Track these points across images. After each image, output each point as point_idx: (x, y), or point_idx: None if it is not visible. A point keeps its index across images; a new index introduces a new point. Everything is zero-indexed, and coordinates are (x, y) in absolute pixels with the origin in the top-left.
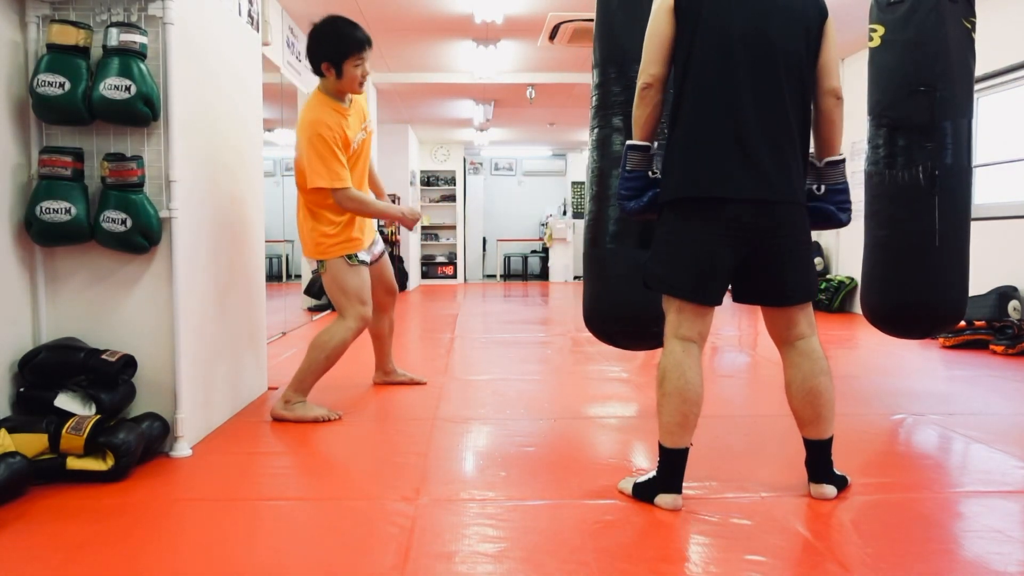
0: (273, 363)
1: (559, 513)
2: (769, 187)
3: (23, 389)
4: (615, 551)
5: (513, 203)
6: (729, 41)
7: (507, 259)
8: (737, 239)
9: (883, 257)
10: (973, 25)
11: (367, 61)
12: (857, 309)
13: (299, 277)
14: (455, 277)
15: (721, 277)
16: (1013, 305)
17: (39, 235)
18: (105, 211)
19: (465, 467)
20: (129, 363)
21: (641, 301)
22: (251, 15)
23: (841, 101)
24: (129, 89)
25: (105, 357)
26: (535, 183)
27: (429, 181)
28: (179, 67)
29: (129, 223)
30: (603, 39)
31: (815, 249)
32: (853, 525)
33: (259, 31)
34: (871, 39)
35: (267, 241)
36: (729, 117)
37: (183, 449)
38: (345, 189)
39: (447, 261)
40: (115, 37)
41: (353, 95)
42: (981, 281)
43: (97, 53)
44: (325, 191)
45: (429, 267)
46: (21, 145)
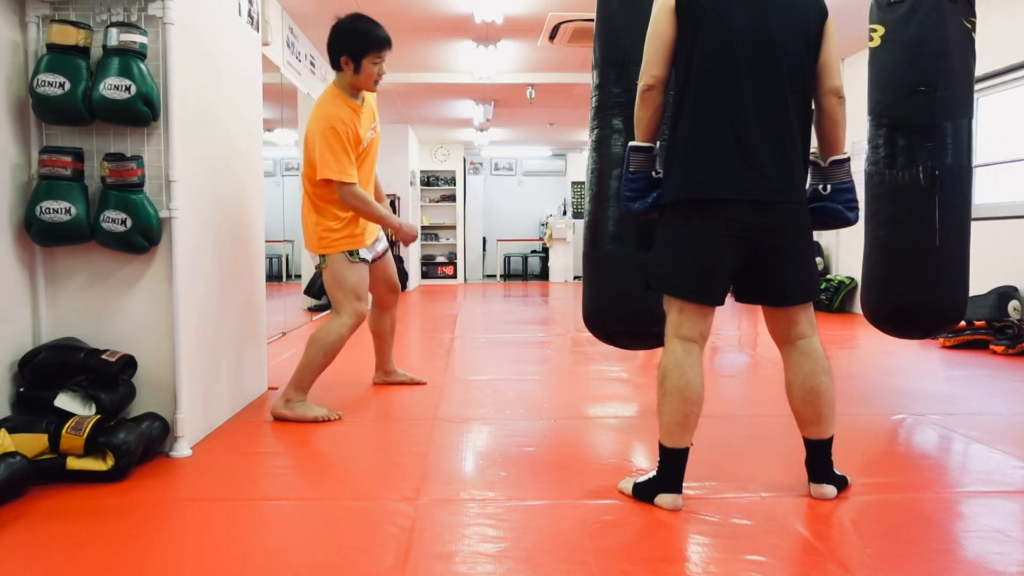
0: (273, 363)
1: (559, 513)
2: (770, 187)
3: (23, 389)
4: (615, 551)
5: (513, 203)
6: (731, 41)
7: (507, 259)
8: (739, 239)
9: (883, 257)
10: (973, 25)
11: (385, 61)
12: (857, 309)
13: (299, 277)
14: (455, 277)
15: (723, 277)
16: (1013, 305)
17: (39, 235)
18: (105, 211)
19: (465, 467)
20: (129, 363)
21: (640, 301)
22: (251, 15)
23: (843, 100)
24: (129, 89)
25: (105, 357)
26: (535, 183)
27: (429, 181)
28: (179, 67)
29: (129, 223)
30: (603, 40)
31: (815, 249)
32: (853, 525)
33: (259, 31)
34: (871, 39)
35: (267, 241)
36: (730, 117)
37: (183, 449)
38: (351, 185)
39: (447, 261)
40: (115, 37)
41: (366, 95)
42: (981, 281)
43: (97, 53)
44: (332, 185)
45: (429, 267)
46: (21, 145)
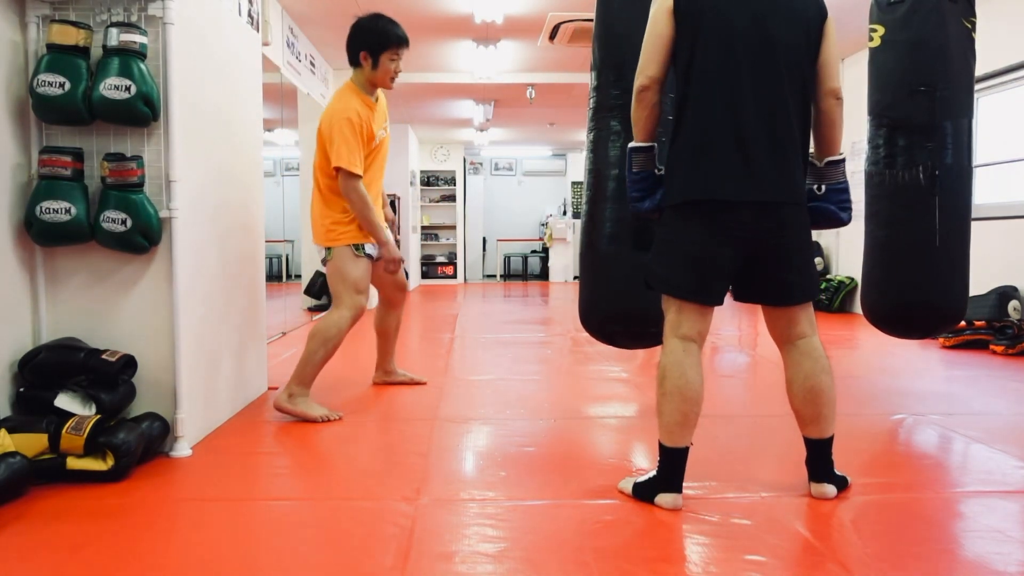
0: (273, 363)
1: (559, 513)
2: (771, 189)
3: (23, 389)
4: (615, 551)
5: (513, 203)
6: (731, 42)
7: (507, 259)
8: (739, 240)
9: (883, 257)
10: (973, 25)
11: (401, 60)
12: (857, 309)
13: (299, 277)
14: (455, 277)
15: (722, 277)
16: (1013, 305)
17: (39, 235)
18: (105, 211)
19: (465, 467)
20: (129, 363)
21: (638, 301)
22: (251, 15)
23: (841, 101)
24: (129, 89)
25: (105, 357)
26: (535, 183)
27: (429, 181)
28: (179, 67)
29: (129, 223)
30: (602, 41)
31: (815, 249)
32: (853, 525)
33: (259, 31)
34: (871, 39)
35: (267, 241)
36: (731, 119)
37: (183, 449)
38: (356, 178)
39: (447, 261)
40: (115, 37)
41: (379, 95)
42: (981, 281)
43: (97, 53)
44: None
45: (429, 267)
46: (21, 145)
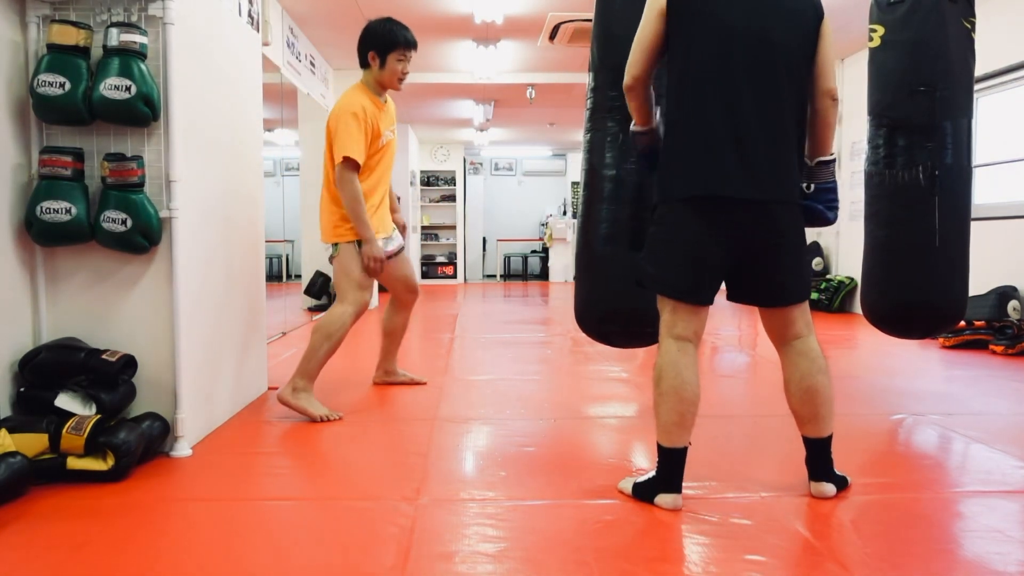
0: (273, 363)
1: (559, 513)
2: (765, 187)
3: (23, 389)
4: (615, 551)
5: (513, 203)
6: (727, 41)
7: (507, 259)
8: (731, 238)
9: (883, 257)
10: (973, 25)
11: (409, 62)
12: (857, 309)
13: (299, 277)
14: (455, 277)
15: (714, 277)
16: (1013, 305)
17: (39, 235)
18: (105, 211)
19: (465, 467)
20: (129, 363)
21: (633, 301)
22: (251, 15)
23: (837, 102)
24: (129, 89)
25: (105, 357)
26: (535, 183)
27: (429, 181)
28: (179, 67)
29: (129, 223)
30: (600, 42)
31: (815, 249)
32: (853, 525)
33: (259, 31)
34: (871, 39)
35: (267, 241)
36: (727, 117)
37: (183, 449)
38: (354, 166)
39: (447, 261)
40: (115, 37)
41: (388, 98)
42: (981, 281)
43: (97, 53)
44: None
45: (429, 267)
46: (21, 145)
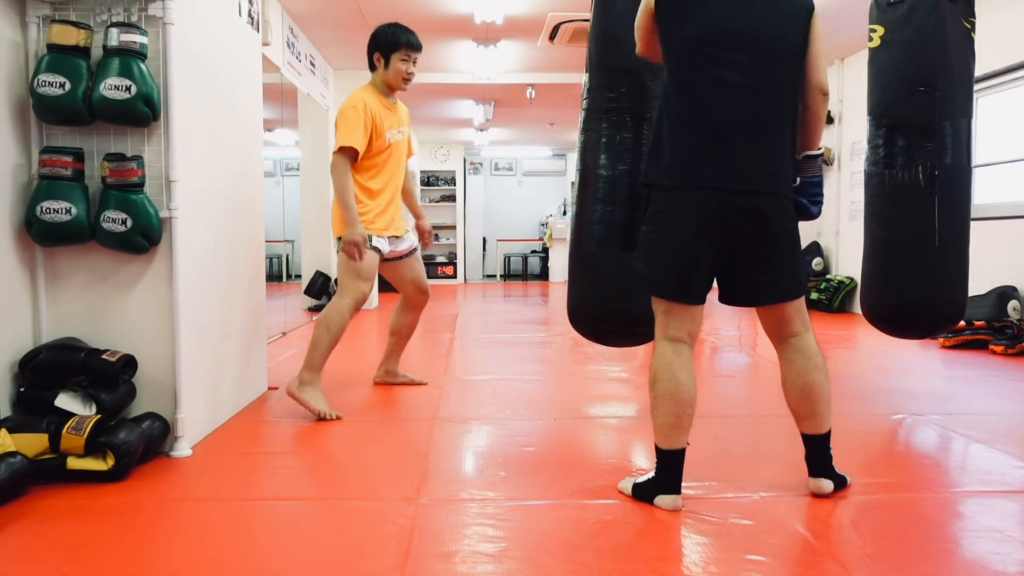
0: (273, 363)
1: (559, 513)
2: (752, 179)
3: (23, 389)
4: (615, 551)
5: (513, 203)
6: (717, 34)
7: (507, 259)
8: (720, 233)
9: (883, 257)
10: (973, 25)
11: (413, 63)
12: (857, 309)
13: (299, 277)
14: (455, 277)
15: (704, 274)
16: (1013, 305)
17: (39, 235)
18: (105, 211)
19: (465, 467)
20: (129, 363)
21: (626, 300)
22: (251, 15)
23: (826, 97)
24: (129, 89)
25: (105, 357)
26: (535, 183)
27: (429, 181)
28: (179, 67)
29: (129, 223)
30: (597, 43)
31: (815, 249)
32: (853, 525)
33: (259, 31)
34: (871, 39)
35: (267, 241)
36: (714, 109)
37: (183, 449)
38: (346, 153)
39: (447, 261)
40: (115, 37)
41: (399, 104)
42: (981, 281)
43: (97, 53)
44: (360, 169)
45: (429, 267)
46: (21, 145)
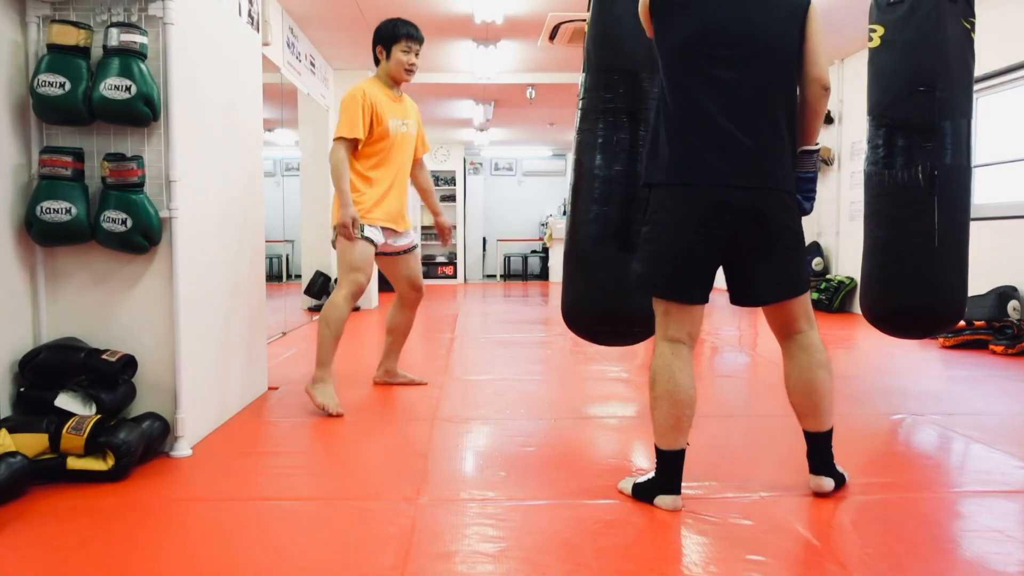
0: (273, 363)
1: (559, 513)
2: (748, 175)
3: (23, 389)
4: (615, 551)
5: (513, 203)
6: (711, 32)
7: (507, 259)
8: (718, 230)
9: (882, 257)
10: (973, 25)
11: (415, 54)
12: (857, 309)
13: (299, 277)
14: (455, 277)
15: (703, 274)
16: (1013, 305)
17: (39, 235)
18: (105, 211)
19: (465, 467)
20: (129, 363)
21: (621, 300)
22: (251, 15)
23: (827, 91)
24: (129, 89)
25: (105, 357)
26: (535, 183)
27: None
28: (179, 67)
29: (129, 223)
30: (595, 43)
31: (815, 249)
32: (853, 525)
33: (259, 31)
34: (871, 39)
35: (267, 241)
36: (710, 107)
37: (183, 449)
38: (342, 141)
39: (447, 261)
40: (115, 37)
41: (404, 95)
42: (981, 281)
43: (97, 53)
44: (361, 157)
45: (429, 267)
46: (22, 145)
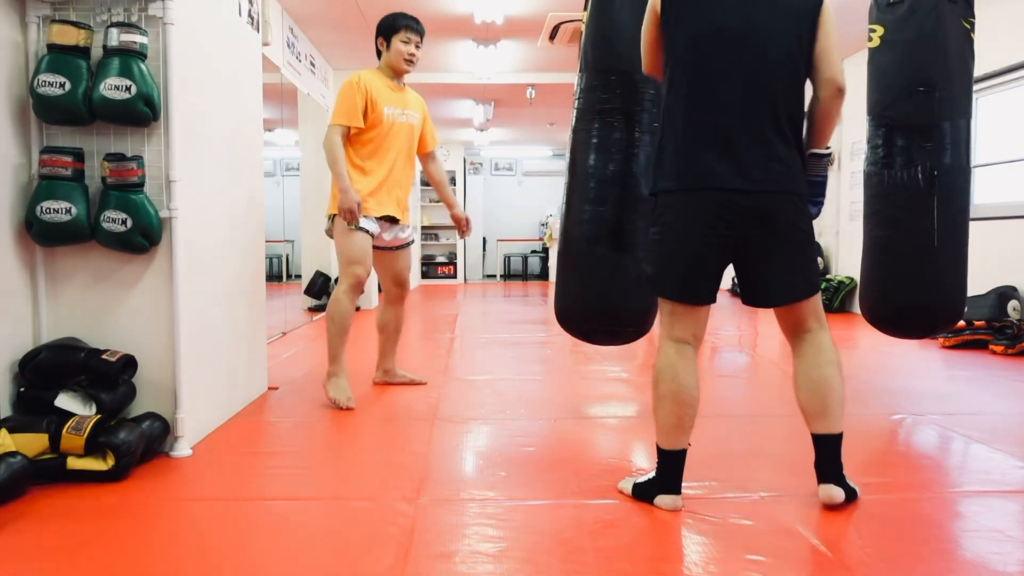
0: (273, 363)
1: (559, 513)
2: (748, 177)
3: (24, 389)
4: (615, 551)
5: (513, 203)
6: (715, 36)
7: (507, 259)
8: (725, 234)
9: (882, 257)
10: (972, 25)
11: (415, 45)
12: (857, 309)
13: (299, 277)
14: (455, 277)
15: (710, 275)
16: (1013, 305)
17: (39, 235)
18: (105, 211)
19: (465, 467)
20: (129, 363)
21: (614, 300)
22: (251, 15)
23: (842, 93)
24: (129, 89)
25: (105, 357)
26: (535, 183)
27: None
28: (179, 67)
29: (129, 223)
30: (592, 44)
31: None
32: (853, 525)
33: (259, 31)
34: (870, 39)
35: (267, 241)
36: (713, 111)
37: (183, 449)
38: (336, 127)
39: (447, 261)
40: (115, 37)
41: (407, 88)
42: (981, 281)
43: (97, 53)
44: (356, 144)
45: (429, 267)
46: (22, 145)
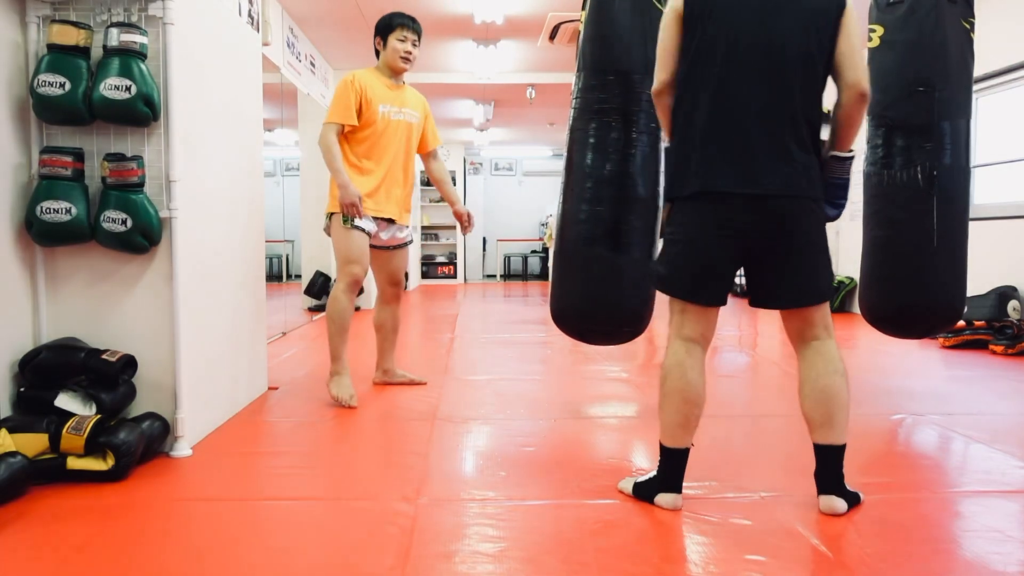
0: (273, 363)
1: (559, 513)
2: (763, 181)
3: (23, 389)
4: (615, 551)
5: (513, 203)
6: (733, 41)
7: (507, 259)
8: (736, 237)
9: (881, 257)
10: (972, 25)
11: (412, 44)
12: (857, 309)
13: (299, 277)
14: (455, 277)
15: (722, 277)
16: (1013, 305)
17: (39, 235)
18: (105, 211)
19: (465, 467)
20: (129, 363)
21: (611, 300)
22: (251, 15)
23: (865, 98)
24: (129, 89)
25: (105, 357)
26: (535, 183)
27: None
28: (179, 67)
29: (129, 223)
30: (590, 44)
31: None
32: (853, 525)
33: (259, 31)
34: (870, 39)
35: (267, 241)
36: (730, 115)
37: (183, 449)
38: (330, 124)
39: (447, 261)
40: (115, 37)
41: (407, 86)
42: (981, 281)
43: (97, 53)
44: (352, 143)
45: (429, 267)
46: (21, 145)
